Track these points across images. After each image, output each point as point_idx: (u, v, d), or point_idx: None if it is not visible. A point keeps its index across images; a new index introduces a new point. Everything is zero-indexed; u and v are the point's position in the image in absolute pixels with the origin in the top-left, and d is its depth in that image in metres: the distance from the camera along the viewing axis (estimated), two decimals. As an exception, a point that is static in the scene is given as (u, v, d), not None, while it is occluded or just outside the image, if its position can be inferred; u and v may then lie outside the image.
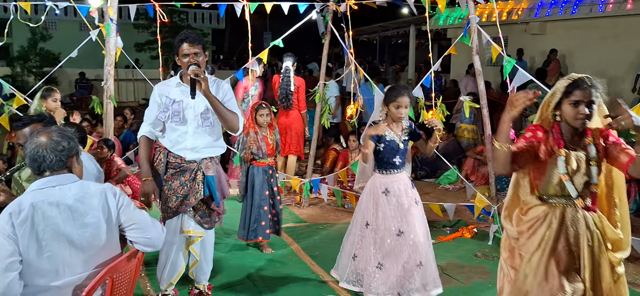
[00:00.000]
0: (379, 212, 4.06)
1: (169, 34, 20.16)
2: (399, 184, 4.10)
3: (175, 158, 3.81)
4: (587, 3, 12.71)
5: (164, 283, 4.02)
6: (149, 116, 3.80)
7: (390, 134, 4.09)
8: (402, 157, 4.14)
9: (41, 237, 2.43)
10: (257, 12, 6.91)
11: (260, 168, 5.26)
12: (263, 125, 5.28)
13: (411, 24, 19.57)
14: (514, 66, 5.42)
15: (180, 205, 3.81)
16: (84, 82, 19.53)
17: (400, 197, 4.07)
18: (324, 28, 7.02)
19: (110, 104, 6.41)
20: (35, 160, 2.51)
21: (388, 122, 4.12)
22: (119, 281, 2.62)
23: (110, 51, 6.24)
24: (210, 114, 3.75)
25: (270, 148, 5.32)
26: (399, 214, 4.04)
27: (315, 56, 21.78)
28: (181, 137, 3.78)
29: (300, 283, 4.59)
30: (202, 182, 3.82)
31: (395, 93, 4.04)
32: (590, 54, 12.94)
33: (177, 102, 3.73)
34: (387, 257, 4.01)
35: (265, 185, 5.26)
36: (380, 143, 4.08)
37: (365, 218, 4.12)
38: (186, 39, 3.64)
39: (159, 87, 3.83)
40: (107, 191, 2.64)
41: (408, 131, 4.18)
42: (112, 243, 2.66)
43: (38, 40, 19.42)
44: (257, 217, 5.21)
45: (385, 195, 4.06)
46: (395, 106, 4.03)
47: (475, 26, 5.58)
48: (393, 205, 4.05)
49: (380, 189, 4.08)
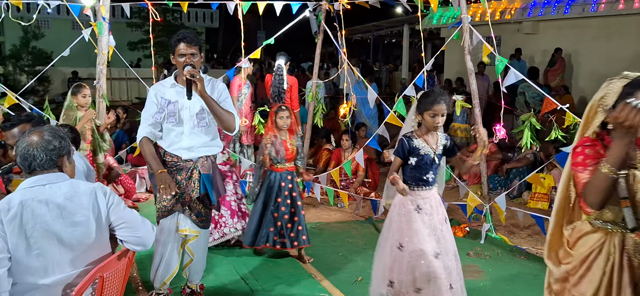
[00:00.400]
0: (412, 232, 3.63)
1: (162, 33, 20.14)
2: (430, 201, 3.69)
3: (172, 157, 3.79)
4: (579, 3, 12.79)
5: (157, 282, 4.01)
6: (147, 117, 3.76)
7: (425, 147, 3.64)
8: (435, 172, 3.71)
9: (30, 235, 2.43)
10: (250, 11, 6.91)
11: (277, 174, 5.01)
12: (283, 129, 4.98)
13: (405, 23, 19.63)
14: (506, 65, 5.43)
15: (176, 204, 3.80)
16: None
17: (432, 215, 3.67)
18: (316, 27, 7.03)
19: (103, 103, 6.40)
20: (26, 158, 2.50)
21: (422, 133, 3.68)
22: (109, 280, 2.62)
23: (102, 50, 6.22)
24: (206, 114, 3.74)
25: (290, 153, 5.01)
26: (433, 234, 3.64)
27: (309, 56, 21.78)
28: (177, 138, 3.77)
29: (293, 282, 4.59)
30: (198, 181, 3.80)
31: (430, 100, 3.57)
32: (582, 54, 13.02)
33: (173, 103, 3.72)
34: (426, 281, 3.59)
35: (280, 192, 4.97)
36: (412, 157, 3.65)
37: (398, 240, 3.68)
38: (184, 38, 3.61)
39: (155, 88, 3.81)
40: (97, 190, 2.64)
41: (444, 144, 3.74)
42: (101, 242, 2.65)
43: (30, 39, 19.32)
44: (267, 223, 4.96)
45: (417, 213, 3.65)
46: (431, 115, 3.57)
47: (468, 26, 5.60)
48: (426, 224, 3.64)
49: (411, 206, 3.66)
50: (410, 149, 3.64)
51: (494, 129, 5.49)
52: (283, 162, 5.00)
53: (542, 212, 6.48)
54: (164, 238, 3.87)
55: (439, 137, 3.72)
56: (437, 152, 3.68)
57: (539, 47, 14.11)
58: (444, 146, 3.73)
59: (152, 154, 3.69)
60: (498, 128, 5.44)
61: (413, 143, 3.64)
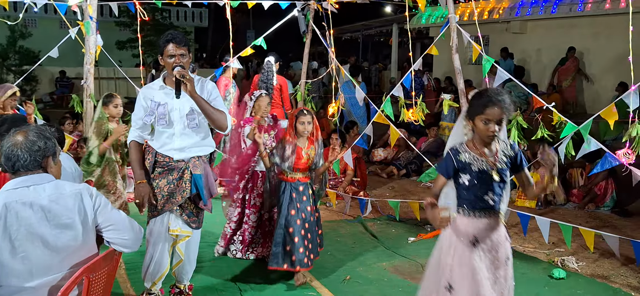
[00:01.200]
0: (465, 273, 2.95)
1: (151, 32, 20.04)
2: (492, 232, 2.99)
3: (164, 158, 3.78)
4: (566, 3, 12.90)
5: (148, 281, 3.98)
6: (136, 121, 3.75)
7: (479, 162, 2.95)
8: (498, 193, 2.98)
9: (15, 238, 2.41)
10: (240, 10, 6.94)
11: (287, 184, 4.46)
12: (303, 136, 4.40)
13: (394, 22, 19.69)
14: (493, 65, 5.47)
15: (166, 203, 3.78)
16: (64, 80, 19.34)
17: (493, 251, 2.99)
18: (305, 27, 7.03)
19: (90, 103, 6.37)
20: (10, 159, 2.48)
21: (474, 144, 2.99)
22: (95, 281, 2.60)
23: (90, 49, 6.19)
24: (195, 115, 3.71)
25: (303, 163, 4.42)
26: (493, 277, 2.97)
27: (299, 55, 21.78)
28: (169, 139, 3.75)
29: (283, 283, 4.58)
30: (190, 181, 3.78)
31: (482, 102, 2.91)
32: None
33: (162, 105, 3.69)
34: None
35: (291, 204, 4.41)
36: (463, 174, 2.99)
37: (447, 279, 3.00)
38: (173, 39, 3.59)
39: (144, 91, 3.79)
40: (82, 192, 2.62)
41: (509, 156, 3.01)
42: (88, 244, 2.64)
43: (17, 38, 19.15)
44: (279, 240, 4.40)
45: (474, 248, 2.95)
46: (483, 120, 2.89)
47: (455, 25, 5.63)
48: (485, 264, 2.96)
49: (466, 238, 2.97)
50: (458, 165, 2.96)
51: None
52: (291, 171, 4.44)
53: (529, 210, 6.53)
54: (154, 237, 3.85)
55: (500, 147, 2.99)
56: (499, 167, 2.95)
57: (527, 47, 14.21)
58: (510, 158, 3.01)
59: (138, 161, 3.75)
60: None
61: (462, 157, 2.96)
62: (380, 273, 4.82)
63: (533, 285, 4.60)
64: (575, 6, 12.74)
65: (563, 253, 5.30)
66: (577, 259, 5.12)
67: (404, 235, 5.81)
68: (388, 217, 6.42)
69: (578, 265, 5.03)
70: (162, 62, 3.66)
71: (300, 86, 7.45)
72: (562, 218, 6.19)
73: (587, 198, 7.04)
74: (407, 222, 6.28)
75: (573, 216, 6.65)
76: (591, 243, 5.01)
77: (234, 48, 6.74)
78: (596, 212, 6.86)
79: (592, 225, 6.15)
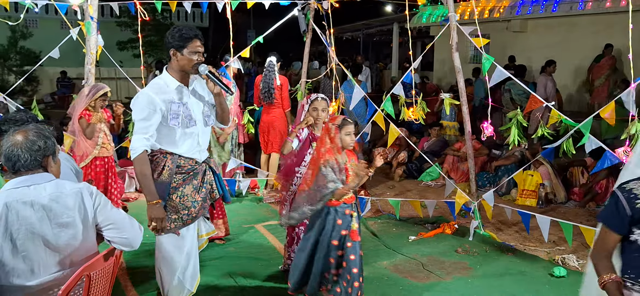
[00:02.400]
0: None
1: (152, 33, 20.04)
2: None
3: (187, 161, 3.55)
4: (567, 1, 12.90)
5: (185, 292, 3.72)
6: (148, 128, 3.36)
7: None
8: None
9: (16, 237, 2.43)
10: (240, 9, 6.91)
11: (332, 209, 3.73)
12: (348, 147, 3.77)
13: (394, 21, 19.69)
14: (493, 63, 5.47)
15: (200, 210, 3.61)
16: (65, 80, 19.35)
17: None
18: (305, 26, 7.03)
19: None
20: (10, 159, 2.49)
21: None
22: (96, 280, 2.61)
23: (90, 49, 6.20)
24: (209, 112, 3.68)
25: None
26: None
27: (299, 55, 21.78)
28: (193, 141, 3.58)
29: (284, 282, 4.58)
30: (214, 182, 3.70)
31: None
32: (570, 51, 13.11)
33: (184, 105, 3.49)
34: None
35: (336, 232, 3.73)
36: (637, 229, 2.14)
37: None
38: (198, 35, 3.43)
39: (157, 95, 3.39)
40: (83, 191, 2.63)
41: None
42: (88, 243, 2.65)
43: (18, 39, 19.16)
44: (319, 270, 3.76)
45: None
46: None
47: (455, 24, 5.63)
48: None
49: None
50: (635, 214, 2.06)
51: (482, 127, 5.54)
52: None
53: (530, 209, 6.54)
54: (188, 246, 3.62)
55: None
56: None
57: (527, 45, 14.20)
58: None
59: (149, 177, 3.36)
60: (486, 125, 5.48)
61: None
62: (381, 271, 4.83)
63: (533, 283, 4.60)
64: (575, 5, 12.74)
65: (564, 251, 5.31)
66: (578, 257, 5.12)
67: (405, 234, 5.81)
68: (388, 216, 6.42)
69: (579, 263, 5.03)
70: (178, 57, 3.41)
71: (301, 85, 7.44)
72: (563, 216, 6.19)
73: (588, 197, 7.05)
74: (407, 220, 6.28)
75: (574, 214, 6.65)
76: (592, 241, 5.00)
77: (234, 47, 6.74)
78: (597, 210, 6.86)
79: (592, 223, 6.14)
